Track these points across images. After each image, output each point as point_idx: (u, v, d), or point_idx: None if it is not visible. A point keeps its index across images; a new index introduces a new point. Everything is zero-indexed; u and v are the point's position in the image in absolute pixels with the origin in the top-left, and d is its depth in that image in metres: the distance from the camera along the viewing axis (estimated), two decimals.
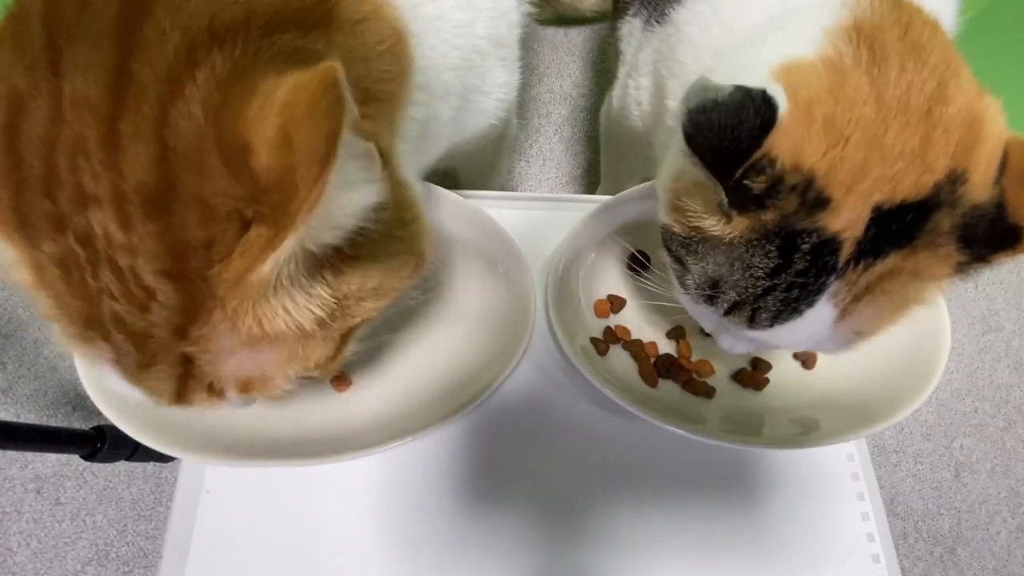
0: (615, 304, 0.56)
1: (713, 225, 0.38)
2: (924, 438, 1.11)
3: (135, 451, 0.78)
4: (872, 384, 0.50)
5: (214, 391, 0.31)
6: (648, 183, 0.53)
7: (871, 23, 0.37)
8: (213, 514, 0.48)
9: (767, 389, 0.53)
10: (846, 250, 0.35)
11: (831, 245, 0.35)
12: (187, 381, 0.30)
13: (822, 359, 0.54)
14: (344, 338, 0.33)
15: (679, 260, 0.42)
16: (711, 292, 0.39)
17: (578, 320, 0.54)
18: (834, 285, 0.36)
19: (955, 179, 0.34)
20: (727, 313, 0.39)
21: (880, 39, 0.36)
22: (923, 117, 0.34)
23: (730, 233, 0.37)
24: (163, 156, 0.25)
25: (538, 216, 0.59)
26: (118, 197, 0.26)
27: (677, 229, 0.41)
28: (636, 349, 0.54)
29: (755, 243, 0.36)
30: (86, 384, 0.43)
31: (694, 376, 0.53)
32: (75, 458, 0.83)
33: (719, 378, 0.54)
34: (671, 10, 0.57)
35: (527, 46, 0.59)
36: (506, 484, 0.50)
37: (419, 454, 0.51)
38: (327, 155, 0.23)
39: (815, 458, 0.53)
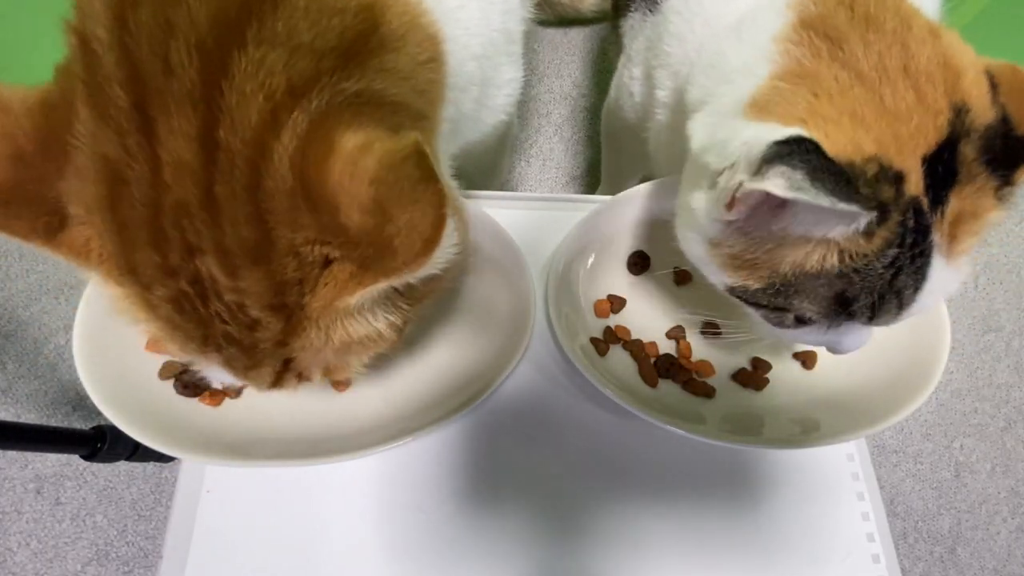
0: (615, 304, 0.56)
1: (819, 260, 0.37)
2: (924, 438, 1.11)
3: (135, 451, 0.78)
4: (872, 384, 0.50)
5: (303, 377, 0.35)
6: (648, 183, 0.54)
7: (817, 14, 0.38)
8: (213, 514, 0.48)
9: (767, 389, 0.53)
10: (925, 206, 0.36)
11: (917, 208, 0.36)
12: (284, 374, 0.35)
13: (822, 359, 0.54)
14: (405, 326, 0.37)
15: (777, 308, 0.40)
16: (842, 310, 0.39)
17: (578, 320, 0.54)
18: (935, 237, 0.37)
19: (960, 110, 0.36)
20: (872, 319, 0.39)
21: (831, 25, 0.37)
22: (904, 75, 0.36)
23: (866, 250, 0.36)
24: (259, 215, 0.28)
25: (538, 216, 0.59)
26: (222, 251, 0.29)
27: (758, 285, 0.40)
28: (636, 349, 0.54)
29: (887, 248, 0.36)
30: (86, 384, 0.43)
31: (694, 376, 0.53)
32: (75, 458, 0.83)
33: (719, 378, 0.54)
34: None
35: (527, 46, 0.59)
36: (506, 484, 0.50)
37: (419, 454, 0.51)
38: (434, 238, 0.26)
39: (815, 458, 0.53)
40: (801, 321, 0.41)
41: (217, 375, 0.35)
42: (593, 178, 1.22)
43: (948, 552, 1.04)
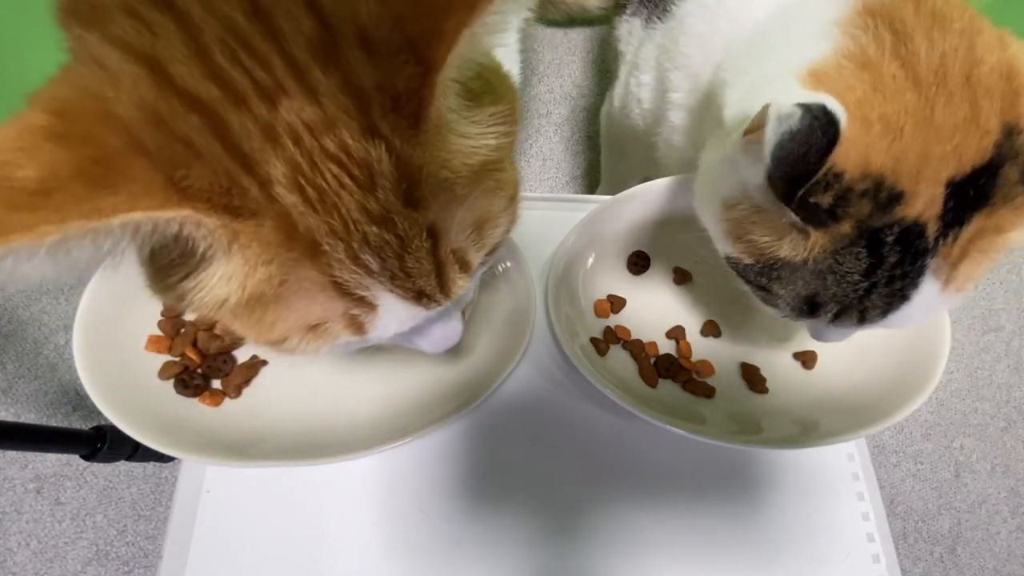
0: (615, 304, 0.56)
1: (791, 250, 0.37)
2: (924, 438, 1.11)
3: (135, 451, 0.78)
4: (872, 384, 0.50)
5: (460, 258, 0.31)
6: (648, 183, 0.53)
7: (881, 3, 0.37)
8: (213, 514, 0.48)
9: (767, 389, 0.53)
10: (932, 229, 0.35)
11: (916, 229, 0.35)
12: (440, 256, 0.30)
13: (822, 359, 0.54)
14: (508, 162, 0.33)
15: (762, 288, 0.41)
16: (810, 309, 0.39)
17: (578, 320, 0.54)
18: (932, 262, 0.36)
19: (1010, 132, 0.35)
20: (834, 320, 0.39)
21: (898, 16, 0.36)
22: (964, 84, 0.34)
23: (811, 251, 0.37)
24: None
25: (538, 216, 0.59)
26: (291, 64, 0.24)
27: (749, 260, 0.41)
28: (636, 349, 0.54)
29: (841, 252, 0.36)
30: (86, 384, 0.43)
31: (694, 376, 0.53)
32: (75, 458, 0.83)
33: (719, 378, 0.54)
34: (673, 5, 0.57)
35: (527, 46, 0.59)
36: (506, 484, 0.50)
37: (419, 454, 0.51)
38: None
39: (815, 458, 0.53)
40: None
41: (389, 303, 0.30)
42: (593, 178, 1.21)
43: (948, 552, 1.04)
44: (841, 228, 0.35)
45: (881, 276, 0.36)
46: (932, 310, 0.38)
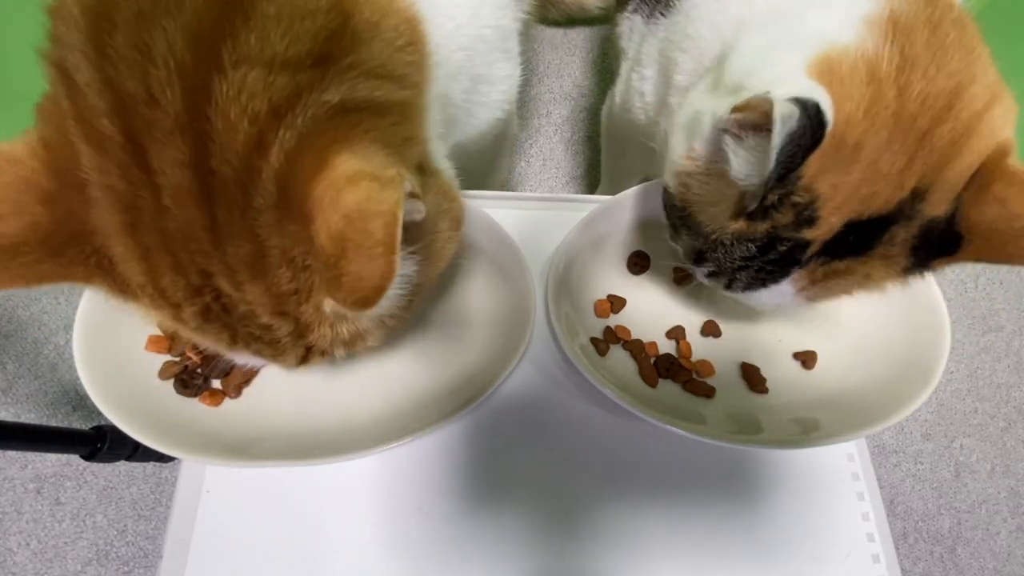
0: (615, 304, 0.56)
1: (708, 219, 0.42)
2: (924, 438, 1.11)
3: (135, 451, 0.78)
4: (872, 384, 0.50)
5: (326, 354, 0.38)
6: (648, 183, 0.54)
7: (906, 18, 0.37)
8: (213, 514, 0.48)
9: (767, 389, 0.53)
10: (812, 249, 0.38)
11: (802, 246, 0.39)
12: (308, 356, 0.37)
13: (822, 359, 0.54)
14: (412, 304, 0.40)
15: (674, 226, 0.48)
16: (696, 260, 0.46)
17: (578, 320, 0.54)
18: (797, 272, 0.41)
19: (916, 196, 0.36)
20: (708, 276, 0.46)
21: (912, 38, 0.36)
22: (920, 138, 0.35)
23: (723, 230, 0.41)
24: (252, 231, 0.30)
25: (538, 216, 0.59)
26: (228, 269, 0.31)
27: (678, 202, 0.45)
28: (636, 349, 0.54)
29: (741, 239, 0.41)
30: (86, 384, 0.43)
31: (694, 376, 0.53)
32: (75, 458, 0.83)
33: (719, 378, 0.54)
34: (676, 1, 0.57)
35: (527, 46, 0.59)
36: (506, 484, 0.50)
37: (419, 454, 0.51)
38: (371, 299, 0.28)
39: (815, 458, 0.53)
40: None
41: (246, 361, 0.38)
42: (593, 178, 1.22)
43: (948, 552, 1.04)
44: (760, 226, 0.39)
45: (755, 265, 0.41)
46: (781, 304, 0.44)
